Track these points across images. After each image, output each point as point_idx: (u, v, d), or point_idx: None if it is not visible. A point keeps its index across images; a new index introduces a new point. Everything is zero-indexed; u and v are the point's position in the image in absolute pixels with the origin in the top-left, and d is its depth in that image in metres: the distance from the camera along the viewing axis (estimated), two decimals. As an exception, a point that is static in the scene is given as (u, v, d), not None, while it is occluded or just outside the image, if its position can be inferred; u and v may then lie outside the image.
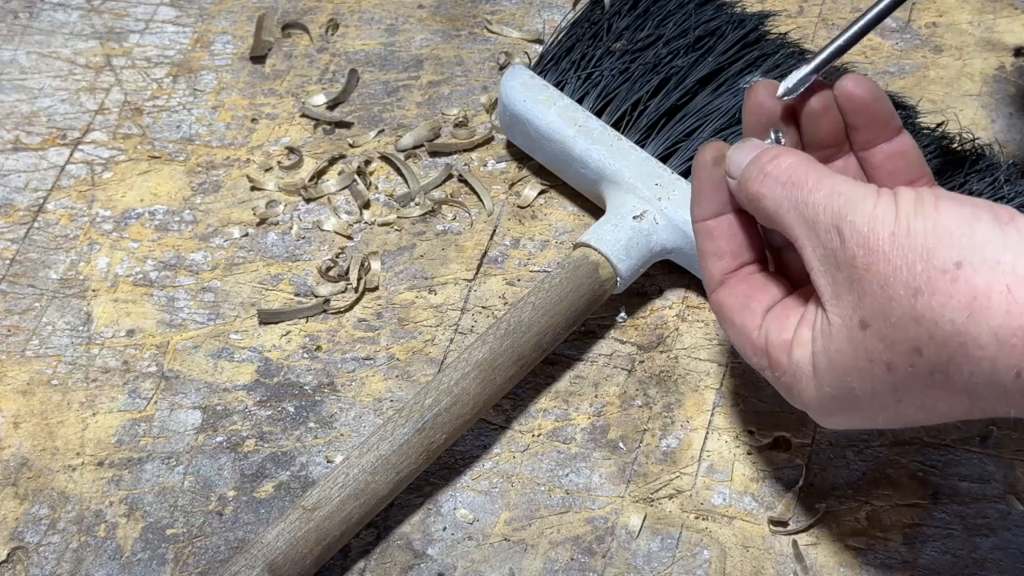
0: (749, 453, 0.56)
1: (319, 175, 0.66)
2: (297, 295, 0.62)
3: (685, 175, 0.60)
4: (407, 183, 0.66)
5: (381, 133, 0.68)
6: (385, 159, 0.67)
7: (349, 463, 0.52)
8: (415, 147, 0.67)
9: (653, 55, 0.63)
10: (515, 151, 0.67)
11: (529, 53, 0.71)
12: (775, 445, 0.57)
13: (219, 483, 0.56)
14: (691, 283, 0.62)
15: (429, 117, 0.68)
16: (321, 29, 0.73)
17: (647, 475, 0.56)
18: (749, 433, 0.57)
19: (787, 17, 0.72)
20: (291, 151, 0.67)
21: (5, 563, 0.53)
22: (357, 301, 0.61)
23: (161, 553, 0.54)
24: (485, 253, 0.63)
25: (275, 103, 0.69)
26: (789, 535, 0.54)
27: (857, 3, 0.73)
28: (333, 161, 0.67)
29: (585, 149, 0.61)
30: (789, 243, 0.49)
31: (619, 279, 0.58)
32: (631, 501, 0.55)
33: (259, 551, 0.50)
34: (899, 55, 0.71)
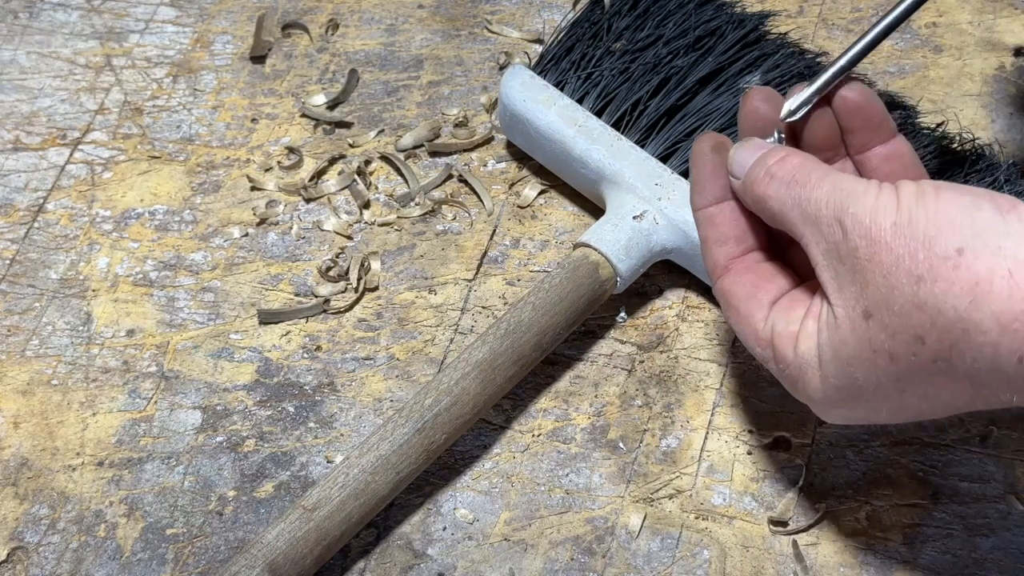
0: (749, 453, 0.56)
1: (319, 175, 0.66)
2: (297, 295, 0.62)
3: (685, 175, 0.60)
4: (407, 183, 0.66)
5: (381, 133, 0.68)
6: (385, 159, 0.67)
7: (349, 463, 0.52)
8: (415, 147, 0.67)
9: (653, 55, 0.63)
10: (515, 151, 0.67)
11: (529, 53, 0.71)
12: (775, 445, 0.57)
13: (219, 483, 0.56)
14: (691, 283, 0.62)
15: (429, 117, 0.68)
16: (321, 29, 0.73)
17: (647, 475, 0.56)
18: (749, 433, 0.57)
19: (787, 17, 0.72)
20: (291, 151, 0.67)
21: (5, 563, 0.53)
22: (357, 301, 0.61)
23: (161, 553, 0.54)
24: (485, 253, 0.63)
25: (275, 103, 0.69)
26: (789, 535, 0.54)
27: (857, 3, 0.73)
28: (333, 161, 0.67)
29: (585, 149, 0.61)
30: (794, 242, 0.49)
31: (619, 279, 0.58)
32: (631, 501, 0.55)
33: (259, 551, 0.50)
34: (899, 55, 0.71)
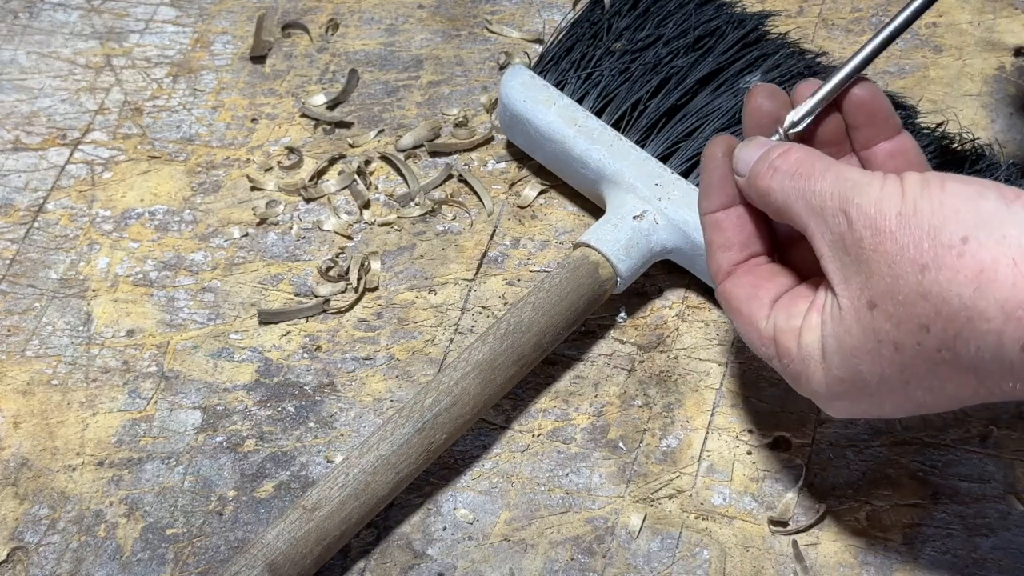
0: (749, 453, 0.56)
1: (319, 175, 0.66)
2: (297, 295, 0.62)
3: (685, 175, 0.60)
4: (407, 183, 0.66)
5: (381, 133, 0.68)
6: (385, 159, 0.67)
7: (349, 463, 0.52)
8: (415, 147, 0.67)
9: (653, 55, 0.63)
10: (515, 151, 0.67)
11: (529, 53, 0.71)
12: (775, 445, 0.57)
13: (219, 483, 0.56)
14: (691, 283, 0.62)
15: (429, 117, 0.68)
16: (321, 29, 0.73)
17: (647, 475, 0.56)
18: (749, 433, 0.57)
19: (787, 17, 0.72)
20: (291, 151, 0.67)
21: (5, 563, 0.53)
22: (357, 301, 0.61)
23: (161, 553, 0.54)
24: (485, 253, 0.63)
25: (275, 103, 0.69)
26: (789, 535, 0.54)
27: (857, 3, 0.73)
28: (333, 161, 0.67)
29: (585, 149, 0.61)
30: (798, 237, 0.49)
31: (619, 279, 0.58)
32: (631, 501, 0.55)
33: (259, 551, 0.50)
34: (899, 55, 0.71)
